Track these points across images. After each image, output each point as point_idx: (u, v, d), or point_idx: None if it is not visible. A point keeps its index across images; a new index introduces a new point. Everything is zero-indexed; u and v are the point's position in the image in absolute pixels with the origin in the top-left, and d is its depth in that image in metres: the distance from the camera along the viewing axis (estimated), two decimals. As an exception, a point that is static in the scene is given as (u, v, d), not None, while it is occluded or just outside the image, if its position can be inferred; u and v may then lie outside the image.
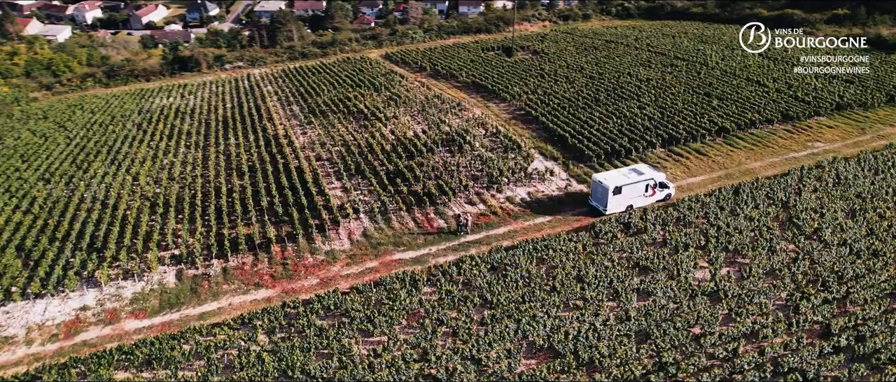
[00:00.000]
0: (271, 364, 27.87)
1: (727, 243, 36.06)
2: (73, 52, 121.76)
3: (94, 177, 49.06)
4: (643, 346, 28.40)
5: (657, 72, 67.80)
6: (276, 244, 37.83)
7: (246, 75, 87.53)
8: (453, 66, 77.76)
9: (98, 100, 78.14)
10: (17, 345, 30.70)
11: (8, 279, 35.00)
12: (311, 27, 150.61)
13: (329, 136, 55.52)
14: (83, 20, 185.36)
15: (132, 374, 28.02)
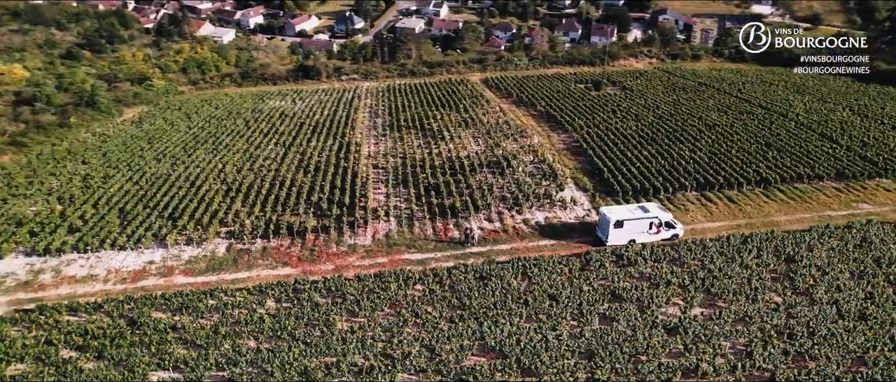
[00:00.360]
0: (268, 324, 34.24)
1: (710, 286, 37.85)
2: (225, 53, 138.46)
3: (194, 160, 58.97)
4: (582, 362, 31.62)
5: (729, 118, 67.90)
6: (311, 233, 44.56)
7: (355, 87, 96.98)
8: (537, 95, 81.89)
9: (226, 97, 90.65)
10: (97, 282, 39.56)
11: (105, 233, 44.46)
12: (443, 46, 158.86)
13: (394, 149, 62.06)
14: (247, 25, 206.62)
15: (166, 315, 35.56)
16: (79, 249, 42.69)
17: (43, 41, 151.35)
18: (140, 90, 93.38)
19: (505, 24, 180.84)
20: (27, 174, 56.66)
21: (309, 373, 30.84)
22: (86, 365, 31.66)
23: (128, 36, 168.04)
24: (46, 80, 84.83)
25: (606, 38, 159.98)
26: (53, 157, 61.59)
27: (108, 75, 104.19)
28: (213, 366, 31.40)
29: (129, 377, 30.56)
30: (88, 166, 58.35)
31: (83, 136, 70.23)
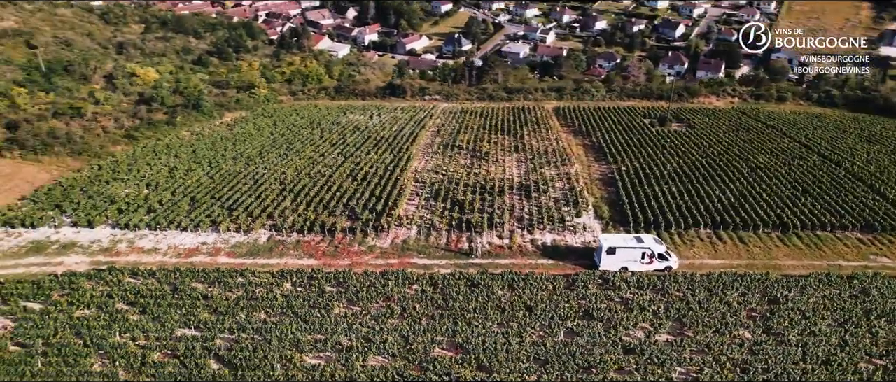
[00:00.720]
0: (279, 302, 40.72)
1: (682, 316, 40.33)
2: (331, 67, 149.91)
3: (264, 162, 67.51)
4: (534, 366, 35.53)
5: (777, 162, 67.87)
6: (340, 232, 50.93)
7: (433, 107, 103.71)
8: (597, 126, 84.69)
9: (315, 109, 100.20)
10: (158, 254, 47.94)
11: (174, 215, 53.18)
12: (541, 73, 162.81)
13: (440, 166, 67.57)
14: (362, 41, 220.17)
15: (202, 286, 42.99)
16: (151, 227, 51.55)
17: (180, 47, 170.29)
18: (243, 97, 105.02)
19: (609, 54, 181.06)
20: (129, 163, 67.49)
21: (299, 345, 36.85)
22: (131, 317, 39.44)
23: (252, 46, 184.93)
24: (164, 84, 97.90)
25: (713, 73, 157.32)
26: (154, 150, 72.48)
27: (221, 81, 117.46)
28: (225, 330, 38.17)
29: (160, 329, 37.94)
30: (178, 160, 68.44)
31: (183, 134, 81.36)
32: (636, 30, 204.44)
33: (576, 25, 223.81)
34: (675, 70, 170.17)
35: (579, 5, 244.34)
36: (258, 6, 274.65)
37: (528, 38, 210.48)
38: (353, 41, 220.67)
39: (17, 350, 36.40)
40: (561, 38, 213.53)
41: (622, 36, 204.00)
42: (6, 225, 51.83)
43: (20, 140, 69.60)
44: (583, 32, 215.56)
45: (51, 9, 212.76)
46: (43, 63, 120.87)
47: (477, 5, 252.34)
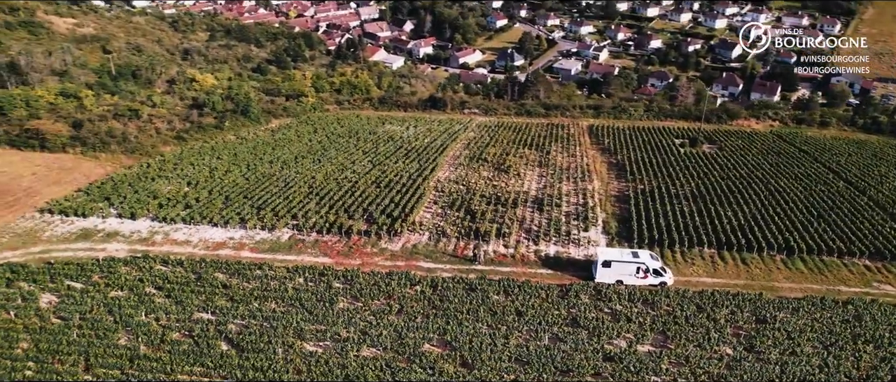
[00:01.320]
0: (290, 294, 44.47)
1: (667, 329, 42.02)
2: (381, 78, 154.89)
3: (298, 166, 71.98)
4: (514, 366, 38.01)
5: (798, 187, 67.88)
6: (356, 234, 54.50)
7: (470, 120, 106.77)
8: (626, 145, 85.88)
9: (357, 118, 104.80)
10: (189, 246, 52.59)
11: (208, 212, 57.92)
12: (589, 90, 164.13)
13: (462, 177, 70.41)
14: (417, 54, 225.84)
15: (223, 276, 47.19)
16: (186, 221, 56.39)
17: (241, 55, 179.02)
18: (291, 105, 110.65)
19: (661, 73, 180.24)
20: (175, 162, 73.16)
21: (302, 333, 40.42)
22: (157, 299, 43.90)
23: (310, 56, 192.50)
24: (217, 90, 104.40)
25: (767, 96, 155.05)
26: (199, 152, 78.13)
27: (273, 89, 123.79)
28: (238, 316, 42.11)
29: (180, 312, 42.22)
30: (219, 161, 73.70)
31: (230, 138, 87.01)
32: (691, 49, 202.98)
33: (630, 44, 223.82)
34: (729, 91, 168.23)
35: (635, 24, 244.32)
36: (319, 17, 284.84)
37: (580, 55, 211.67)
38: (409, 53, 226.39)
39: (58, 322, 41.25)
40: (614, 56, 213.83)
41: (676, 55, 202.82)
42: (62, 214, 57.71)
43: (82, 138, 76.43)
44: (637, 51, 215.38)
45: (127, 16, 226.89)
46: (114, 67, 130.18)
47: (532, 21, 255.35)
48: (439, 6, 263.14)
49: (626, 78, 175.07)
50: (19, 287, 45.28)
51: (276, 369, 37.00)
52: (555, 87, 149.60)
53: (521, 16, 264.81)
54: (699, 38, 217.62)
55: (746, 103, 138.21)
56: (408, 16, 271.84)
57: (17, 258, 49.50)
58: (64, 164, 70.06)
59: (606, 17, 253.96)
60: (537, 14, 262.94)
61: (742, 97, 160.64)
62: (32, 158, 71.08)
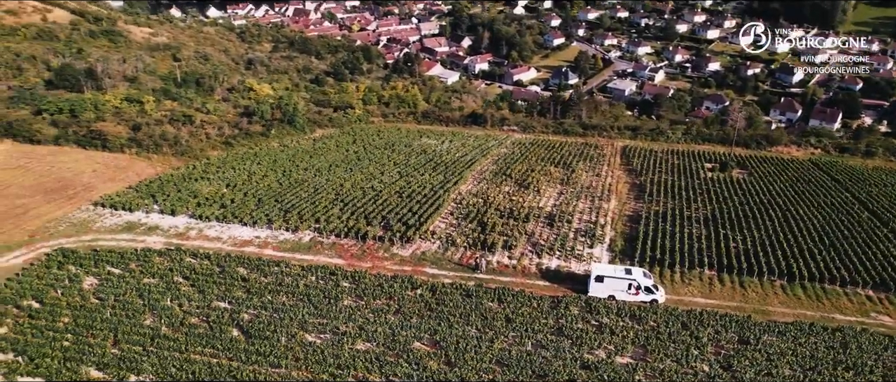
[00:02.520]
0: (300, 290, 48.66)
1: (647, 343, 43.98)
2: (431, 92, 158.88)
3: (330, 175, 76.64)
4: (494, 367, 40.88)
5: (818, 215, 67.80)
6: (371, 239, 58.39)
7: (506, 137, 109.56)
8: (656, 168, 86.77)
9: (397, 131, 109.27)
10: (218, 242, 57.63)
11: (240, 212, 63.03)
12: (640, 111, 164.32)
13: (483, 191, 73.35)
14: (473, 70, 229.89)
15: (244, 270, 51.83)
16: (219, 219, 61.66)
17: (301, 66, 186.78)
18: (338, 116, 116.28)
19: (717, 97, 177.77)
20: (218, 166, 79.14)
21: (305, 325, 44.45)
22: (183, 288, 48.84)
23: (367, 69, 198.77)
24: (267, 100, 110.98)
25: (827, 123, 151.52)
26: (242, 157, 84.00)
27: (323, 100, 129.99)
28: (251, 306, 46.52)
29: (201, 299, 46.98)
30: (258, 166, 79.24)
31: (273, 145, 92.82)
32: (750, 73, 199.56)
33: (687, 65, 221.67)
34: (787, 117, 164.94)
35: (694, 45, 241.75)
36: (381, 32, 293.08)
37: (636, 76, 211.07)
38: (465, 69, 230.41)
39: (96, 302, 46.68)
40: (670, 78, 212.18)
41: (734, 79, 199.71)
42: (112, 208, 64.00)
43: (139, 139, 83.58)
44: (694, 73, 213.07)
45: (198, 26, 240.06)
46: (180, 75, 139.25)
47: (590, 40, 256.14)
48: (498, 24, 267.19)
49: (679, 100, 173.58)
50: (68, 269, 51.13)
51: (277, 355, 41.02)
52: (604, 107, 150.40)
53: (578, 35, 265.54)
54: (760, 62, 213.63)
55: (801, 130, 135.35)
56: (467, 32, 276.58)
57: (69, 244, 55.68)
58: (120, 163, 77.08)
59: (665, 38, 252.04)
60: (595, 33, 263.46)
61: (799, 123, 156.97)
62: (94, 157, 78.49)
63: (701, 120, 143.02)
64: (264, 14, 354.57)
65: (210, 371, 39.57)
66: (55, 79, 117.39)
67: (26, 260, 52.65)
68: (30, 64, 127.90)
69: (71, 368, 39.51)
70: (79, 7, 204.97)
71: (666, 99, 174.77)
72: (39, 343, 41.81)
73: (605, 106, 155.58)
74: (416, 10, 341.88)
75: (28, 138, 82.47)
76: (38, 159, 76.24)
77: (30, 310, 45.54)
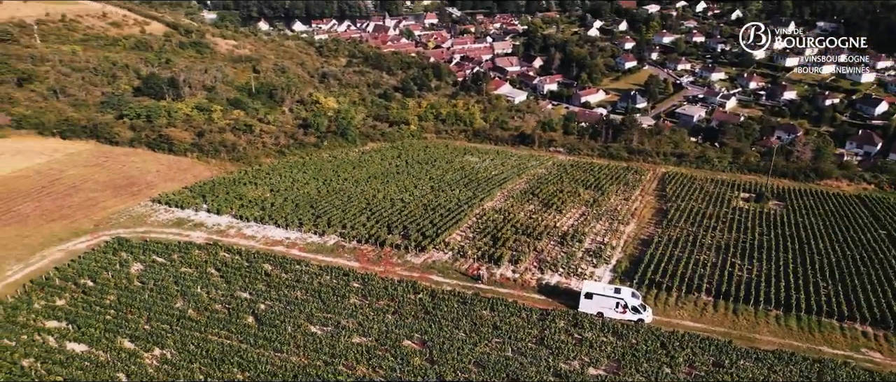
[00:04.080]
0: (314, 287, 54.17)
1: (622, 358, 46.67)
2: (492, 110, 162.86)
3: (366, 186, 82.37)
4: (471, 368, 44.81)
5: (840, 249, 67.50)
6: (389, 246, 63.34)
7: (549, 158, 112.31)
8: (688, 195, 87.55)
9: (445, 148, 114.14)
10: (252, 241, 64.18)
11: (277, 215, 69.50)
12: (704, 139, 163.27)
13: (506, 209, 76.93)
14: (542, 90, 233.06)
15: (268, 266, 57.91)
16: (257, 220, 68.36)
17: (372, 81, 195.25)
18: (392, 130, 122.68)
19: (789, 126, 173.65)
20: (268, 172, 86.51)
21: (311, 318, 49.83)
22: (213, 278, 55.36)
23: (435, 86, 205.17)
24: (322, 113, 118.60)
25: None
26: (291, 165, 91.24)
27: (382, 114, 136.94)
28: (268, 298, 52.36)
29: (226, 289, 53.27)
30: (304, 174, 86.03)
31: (324, 156, 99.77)
32: (828, 103, 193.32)
33: (762, 93, 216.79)
34: (864, 150, 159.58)
35: (770, 73, 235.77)
36: (455, 49, 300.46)
37: (706, 102, 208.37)
38: (533, 89, 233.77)
39: (138, 285, 53.80)
40: (743, 105, 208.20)
41: (810, 108, 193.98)
42: (167, 204, 72.04)
43: (200, 145, 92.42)
44: (768, 101, 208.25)
45: (280, 40, 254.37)
46: (254, 86, 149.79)
47: (663, 65, 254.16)
48: (570, 45, 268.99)
49: (746, 128, 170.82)
50: (120, 256, 58.75)
51: (281, 341, 46.49)
52: (664, 133, 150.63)
53: (652, 58, 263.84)
54: (840, 92, 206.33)
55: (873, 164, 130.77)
56: (539, 52, 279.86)
57: (125, 234, 63.62)
58: (182, 165, 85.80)
59: (740, 64, 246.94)
60: (668, 58, 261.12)
61: (878, 158, 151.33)
62: (160, 158, 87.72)
63: (765, 149, 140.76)
64: (346, 29, 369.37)
65: (222, 350, 45.44)
66: (142, 86, 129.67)
67: (89, 246, 60.79)
68: (123, 72, 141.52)
69: (109, 338, 46.35)
70: (173, 20, 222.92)
71: (731, 127, 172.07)
72: (87, 315, 49.03)
73: (666, 131, 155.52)
74: (492, 29, 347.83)
75: (108, 139, 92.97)
76: (114, 158, 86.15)
77: (84, 287, 53.09)
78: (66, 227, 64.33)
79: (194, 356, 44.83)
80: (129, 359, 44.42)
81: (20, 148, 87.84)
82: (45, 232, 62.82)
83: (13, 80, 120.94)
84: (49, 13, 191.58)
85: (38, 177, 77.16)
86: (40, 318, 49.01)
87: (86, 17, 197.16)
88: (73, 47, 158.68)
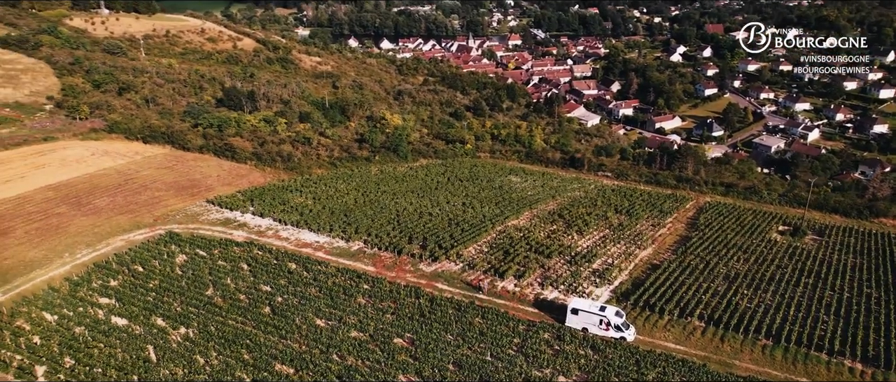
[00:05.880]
0: (327, 286, 60.40)
1: (591, 371, 49.84)
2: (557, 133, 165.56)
3: (402, 199, 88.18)
4: (450, 367, 49.41)
5: (857, 290, 66.71)
6: (406, 254, 68.74)
7: (593, 182, 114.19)
8: (720, 224, 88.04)
9: (492, 166, 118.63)
10: (286, 242, 71.23)
11: (313, 220, 76.49)
12: (776, 170, 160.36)
13: (528, 227, 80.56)
14: (617, 114, 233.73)
15: (292, 265, 64.69)
16: (294, 224, 75.66)
17: (445, 100, 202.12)
18: (447, 148, 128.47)
19: (875, 161, 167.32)
20: (315, 182, 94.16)
21: (319, 312, 56.02)
22: (243, 271, 62.71)
23: (506, 106, 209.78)
24: (379, 129, 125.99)
25: None
26: (339, 176, 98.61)
27: (441, 133, 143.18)
28: (285, 292, 59.02)
29: (252, 282, 60.41)
30: (347, 185, 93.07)
31: (373, 170, 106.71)
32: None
33: (849, 125, 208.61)
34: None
35: (860, 105, 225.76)
36: (534, 71, 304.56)
37: (787, 132, 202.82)
38: (608, 113, 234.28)
39: (179, 274, 61.88)
40: (826, 138, 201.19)
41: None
42: (219, 205, 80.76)
43: (259, 154, 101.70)
44: (856, 134, 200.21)
45: (363, 58, 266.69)
46: (328, 101, 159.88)
47: (744, 92, 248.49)
48: (650, 70, 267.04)
49: (824, 161, 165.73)
50: (169, 248, 67.32)
51: (288, 330, 52.87)
52: (733, 163, 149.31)
53: (733, 86, 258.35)
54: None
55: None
56: (618, 76, 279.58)
57: (177, 229, 72.42)
58: (239, 172, 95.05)
59: (828, 95, 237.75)
60: (751, 86, 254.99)
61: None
62: (223, 165, 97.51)
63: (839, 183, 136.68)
64: (431, 48, 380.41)
65: (235, 333, 52.30)
66: (224, 98, 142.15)
67: (146, 237, 69.89)
68: (209, 84, 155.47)
69: (145, 315, 54.32)
70: (264, 37, 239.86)
71: (805, 159, 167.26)
72: (132, 295, 57.35)
73: (734, 161, 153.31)
74: (575, 52, 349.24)
75: (182, 145, 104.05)
76: (183, 162, 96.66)
77: (134, 272, 61.73)
78: (130, 220, 73.97)
79: (212, 336, 51.85)
80: (159, 335, 52.01)
81: (108, 149, 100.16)
82: (113, 224, 72.59)
83: (115, 89, 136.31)
84: (155, 29, 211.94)
85: (117, 175, 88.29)
86: (95, 294, 57.71)
87: (186, 32, 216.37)
88: (170, 60, 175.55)
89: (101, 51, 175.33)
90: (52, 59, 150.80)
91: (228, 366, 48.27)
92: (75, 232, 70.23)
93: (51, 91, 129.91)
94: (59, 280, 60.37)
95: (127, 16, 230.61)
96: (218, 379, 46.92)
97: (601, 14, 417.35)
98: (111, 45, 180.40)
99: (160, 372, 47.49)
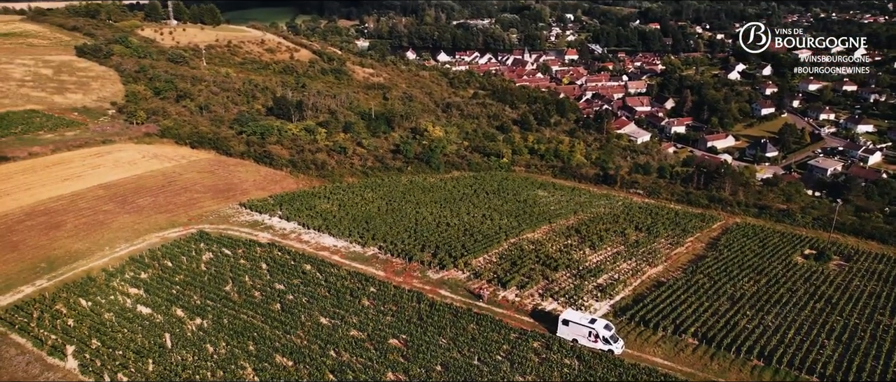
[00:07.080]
0: (336, 287, 64.30)
1: (574, 379, 51.83)
2: (599, 150, 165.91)
3: (424, 210, 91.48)
4: (437, 368, 52.38)
5: (867, 317, 65.81)
6: (416, 261, 71.98)
7: (622, 199, 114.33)
8: (741, 247, 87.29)
9: (522, 181, 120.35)
10: (306, 245, 75.64)
11: (334, 225, 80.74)
12: (827, 194, 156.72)
13: (542, 241, 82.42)
14: (669, 132, 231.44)
15: (308, 267, 68.93)
16: (316, 229, 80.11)
17: (492, 113, 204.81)
18: (481, 161, 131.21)
19: None
20: (345, 189, 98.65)
21: (324, 310, 59.95)
22: (261, 271, 67.38)
23: (554, 121, 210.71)
24: (412, 140, 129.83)
25: None
26: (369, 185, 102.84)
27: (479, 146, 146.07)
28: (296, 291, 63.23)
29: (268, 280, 64.96)
30: (374, 194, 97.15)
31: (403, 180, 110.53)
32: None
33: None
34: None
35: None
36: (588, 86, 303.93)
37: (846, 155, 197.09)
38: (660, 130, 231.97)
39: (203, 270, 67.02)
40: (890, 161, 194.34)
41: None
42: (249, 208, 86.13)
43: (295, 161, 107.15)
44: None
45: (416, 70, 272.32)
46: (374, 112, 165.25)
47: (804, 113, 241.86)
48: (707, 87, 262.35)
49: (881, 185, 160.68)
50: (198, 246, 72.76)
51: (293, 326, 56.97)
52: (782, 185, 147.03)
53: (792, 106, 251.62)
54: None
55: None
56: (673, 93, 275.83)
57: (208, 229, 77.98)
58: (275, 178, 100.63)
59: (894, 117, 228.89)
60: (811, 106, 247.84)
61: None
62: (260, 170, 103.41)
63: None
64: (487, 62, 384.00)
65: (244, 326, 56.71)
66: (274, 107, 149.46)
67: (178, 235, 75.68)
68: (262, 93, 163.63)
69: (167, 306, 59.47)
70: (320, 48, 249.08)
71: (860, 182, 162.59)
72: (158, 287, 62.74)
73: (783, 183, 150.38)
74: (631, 68, 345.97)
75: (225, 151, 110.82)
76: (224, 167, 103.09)
77: (163, 267, 67.28)
78: (167, 219, 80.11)
79: (223, 328, 56.43)
80: (176, 324, 56.98)
81: (158, 153, 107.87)
82: (151, 222, 78.84)
83: (173, 97, 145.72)
84: (218, 39, 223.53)
85: (162, 177, 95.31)
86: (127, 285, 63.41)
87: (247, 43, 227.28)
88: (228, 70, 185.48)
89: (166, 60, 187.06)
90: (120, 67, 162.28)
91: (234, 356, 52.58)
92: (117, 228, 76.74)
93: (115, 97, 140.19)
94: (97, 270, 66.42)
95: (193, 26, 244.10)
96: (223, 366, 51.17)
97: (662, 30, 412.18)
98: (175, 55, 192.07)
99: (172, 357, 52.18)
